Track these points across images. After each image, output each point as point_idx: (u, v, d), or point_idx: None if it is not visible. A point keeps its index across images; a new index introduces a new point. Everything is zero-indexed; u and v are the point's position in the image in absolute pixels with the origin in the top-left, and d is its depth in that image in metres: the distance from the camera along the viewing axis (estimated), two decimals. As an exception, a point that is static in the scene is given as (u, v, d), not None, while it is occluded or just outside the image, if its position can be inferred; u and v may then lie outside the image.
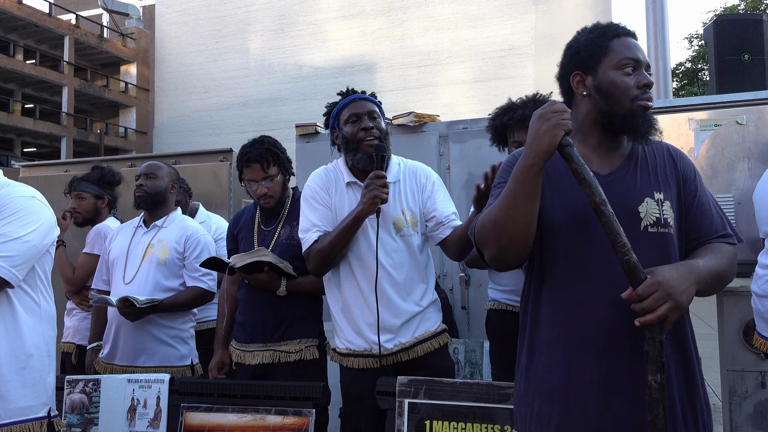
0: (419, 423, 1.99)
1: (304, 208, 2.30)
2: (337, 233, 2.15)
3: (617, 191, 1.48)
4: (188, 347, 2.89)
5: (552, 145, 1.36)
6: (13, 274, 1.81)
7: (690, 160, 1.59)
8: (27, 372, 1.85)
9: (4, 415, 1.80)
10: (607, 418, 1.40)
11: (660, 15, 5.33)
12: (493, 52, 20.15)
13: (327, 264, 2.20)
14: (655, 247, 1.45)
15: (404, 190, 2.28)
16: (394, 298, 2.18)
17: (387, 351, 2.18)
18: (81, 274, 3.28)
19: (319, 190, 2.29)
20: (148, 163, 2.97)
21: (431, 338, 2.23)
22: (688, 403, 1.43)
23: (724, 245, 1.49)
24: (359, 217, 2.11)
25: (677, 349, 1.45)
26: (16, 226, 1.83)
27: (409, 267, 2.22)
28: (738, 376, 3.13)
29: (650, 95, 1.51)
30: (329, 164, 2.38)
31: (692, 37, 22.46)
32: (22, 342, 1.85)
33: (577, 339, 1.44)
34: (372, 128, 2.22)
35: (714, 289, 1.47)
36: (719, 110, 3.36)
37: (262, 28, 23.32)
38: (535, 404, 1.49)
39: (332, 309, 2.31)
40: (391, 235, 2.21)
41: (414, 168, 2.34)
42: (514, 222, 1.41)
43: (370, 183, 2.09)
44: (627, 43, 1.52)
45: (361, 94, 2.31)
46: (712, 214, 1.52)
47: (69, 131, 24.79)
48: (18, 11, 23.09)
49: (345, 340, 2.26)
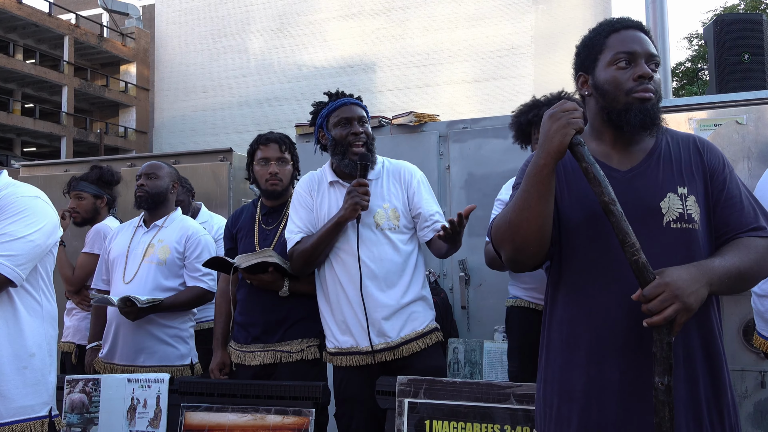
0: (419, 422, 1.99)
1: (290, 211, 2.41)
2: (318, 236, 2.24)
3: (638, 187, 1.45)
4: (188, 347, 2.89)
5: (563, 145, 1.36)
6: (16, 273, 1.82)
7: (719, 152, 1.53)
8: (29, 371, 1.86)
9: (6, 414, 1.80)
10: (626, 418, 1.38)
11: (660, 14, 5.33)
12: (493, 52, 20.13)
13: (309, 264, 2.30)
14: (679, 243, 1.42)
15: (386, 185, 2.33)
16: (373, 291, 2.22)
17: (375, 347, 2.20)
18: (80, 274, 3.28)
19: (303, 193, 2.39)
20: (149, 163, 2.97)
21: (418, 338, 2.24)
22: (714, 405, 1.40)
23: (755, 239, 1.43)
24: (340, 222, 2.22)
25: (704, 349, 1.42)
26: (21, 226, 1.84)
27: (390, 261, 2.24)
28: (738, 376, 3.13)
29: (649, 86, 1.45)
30: (317, 169, 2.46)
31: (692, 36, 22.43)
32: (23, 341, 1.85)
33: (595, 339, 1.43)
34: (361, 133, 2.29)
35: (738, 288, 1.42)
36: (719, 110, 3.36)
37: (262, 27, 23.29)
38: (554, 404, 1.48)
39: (321, 310, 2.36)
40: (371, 228, 2.26)
41: (398, 166, 2.40)
42: (528, 222, 1.41)
43: (353, 190, 2.18)
44: (623, 36, 1.49)
45: (351, 98, 2.37)
46: (743, 206, 1.46)
47: (69, 131, 24.76)
48: (18, 11, 23.06)
49: (333, 339, 2.30)
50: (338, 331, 2.28)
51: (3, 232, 1.82)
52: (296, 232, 2.32)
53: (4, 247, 1.80)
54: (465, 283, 3.62)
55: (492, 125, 3.77)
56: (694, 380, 1.39)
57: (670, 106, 3.48)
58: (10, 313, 1.86)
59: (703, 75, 20.86)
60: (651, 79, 1.46)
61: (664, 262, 1.35)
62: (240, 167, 4.77)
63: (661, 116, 1.49)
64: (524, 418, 1.90)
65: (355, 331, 2.23)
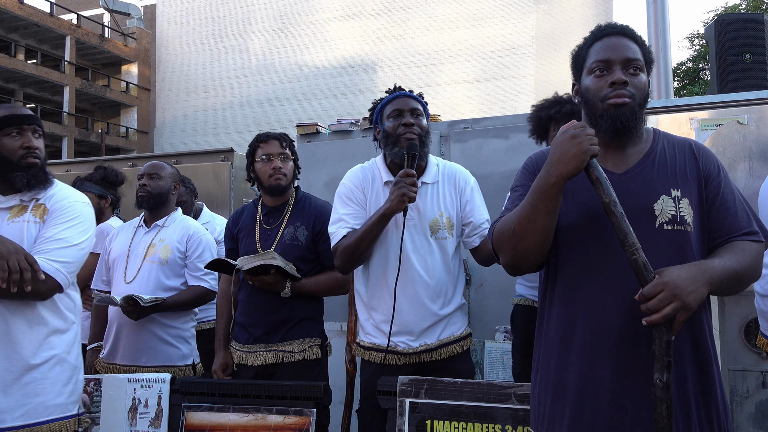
0: (420, 422, 1.99)
1: (336, 204, 2.30)
2: (364, 230, 2.14)
3: (632, 189, 1.47)
4: (189, 347, 2.89)
5: (578, 170, 1.38)
6: (68, 280, 1.86)
7: (714, 157, 1.55)
8: (64, 370, 1.90)
9: (43, 413, 1.82)
10: (619, 416, 1.40)
11: (661, 14, 5.33)
12: (494, 52, 20.11)
13: (353, 260, 2.19)
14: (671, 245, 1.43)
15: (442, 191, 2.28)
16: (425, 300, 2.19)
17: (412, 350, 2.18)
18: (83, 274, 3.27)
19: (354, 188, 2.29)
20: (151, 163, 2.97)
21: (456, 342, 2.24)
22: (703, 405, 1.42)
23: (747, 243, 1.46)
24: (386, 215, 2.10)
25: (694, 349, 1.43)
26: (75, 232, 1.89)
27: (442, 270, 2.22)
28: (739, 376, 3.13)
29: (622, 91, 1.48)
30: (366, 162, 2.38)
31: (693, 36, 22.40)
32: (61, 340, 1.90)
33: (589, 338, 1.44)
34: (413, 125, 2.23)
35: (733, 289, 1.44)
36: (720, 110, 3.35)
37: (263, 27, 23.30)
38: (548, 402, 1.50)
39: (357, 303, 2.32)
40: (426, 237, 2.21)
41: (453, 170, 2.35)
42: (533, 235, 1.44)
43: (400, 180, 2.08)
44: (603, 44, 1.53)
45: (406, 92, 2.33)
46: (736, 211, 1.48)
47: (70, 131, 24.78)
48: (19, 11, 23.09)
49: (369, 334, 2.26)
50: (377, 330, 2.23)
51: (59, 237, 1.85)
52: (342, 226, 2.22)
53: (61, 254, 1.83)
54: (466, 283, 3.62)
55: (493, 125, 3.77)
56: (682, 379, 1.40)
57: (672, 106, 3.47)
58: (53, 313, 1.88)
59: (705, 75, 20.84)
60: (626, 84, 1.48)
61: (655, 262, 1.36)
62: (241, 167, 4.78)
63: (639, 120, 1.51)
64: (525, 418, 1.90)
65: (397, 332, 2.19)
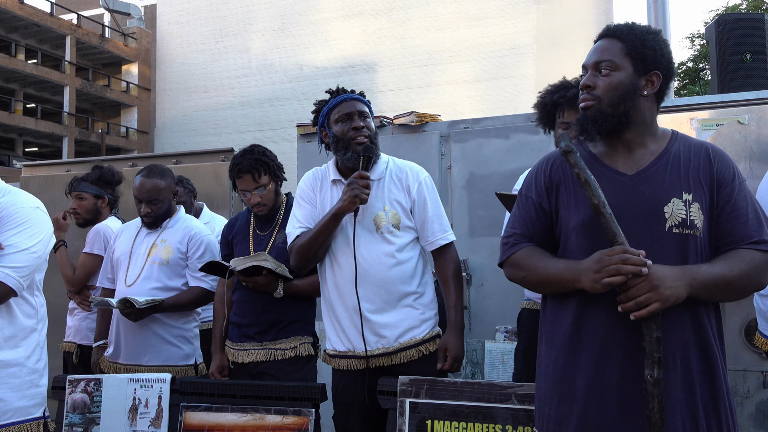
0: (420, 422, 1.99)
1: (293, 207, 2.36)
2: (316, 230, 2.18)
3: (644, 191, 1.47)
4: (192, 347, 2.89)
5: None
6: (20, 284, 1.89)
7: (732, 163, 1.53)
8: (24, 374, 1.94)
9: (3, 416, 1.87)
10: (625, 418, 1.40)
11: (662, 14, 5.33)
12: (494, 52, 20.10)
13: (307, 259, 2.24)
14: (677, 248, 1.43)
15: (388, 186, 2.26)
16: (372, 296, 2.18)
17: (370, 353, 2.17)
18: (81, 274, 3.28)
19: (306, 189, 2.34)
20: (146, 188, 2.82)
21: (418, 345, 2.20)
22: (712, 409, 1.41)
23: (751, 252, 1.44)
24: (338, 214, 2.14)
25: (701, 352, 1.43)
26: (24, 237, 1.91)
27: (390, 265, 2.18)
28: (740, 376, 3.13)
29: (585, 96, 1.55)
30: (322, 165, 2.41)
31: (694, 36, 22.37)
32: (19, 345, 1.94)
33: (595, 341, 1.44)
34: (362, 127, 2.23)
35: (724, 297, 1.45)
36: (721, 110, 3.35)
37: (264, 27, 23.28)
38: (553, 404, 1.50)
39: (322, 311, 2.34)
40: (371, 232, 2.20)
41: (403, 167, 2.33)
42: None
43: (353, 182, 2.11)
44: (589, 51, 1.60)
45: (351, 94, 2.31)
46: (747, 219, 1.46)
47: (70, 131, 24.79)
48: (19, 11, 23.09)
49: (331, 341, 2.28)
50: (335, 334, 2.25)
51: (8, 243, 1.88)
52: (296, 227, 2.27)
53: (10, 259, 1.87)
54: (466, 283, 3.62)
55: (493, 125, 3.77)
56: (690, 385, 1.40)
57: (672, 105, 3.47)
58: (7, 319, 1.92)
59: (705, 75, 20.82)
60: (590, 88, 1.53)
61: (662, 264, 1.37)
62: (241, 167, 4.76)
63: (617, 119, 1.51)
64: (526, 418, 1.90)
65: (352, 335, 2.19)
